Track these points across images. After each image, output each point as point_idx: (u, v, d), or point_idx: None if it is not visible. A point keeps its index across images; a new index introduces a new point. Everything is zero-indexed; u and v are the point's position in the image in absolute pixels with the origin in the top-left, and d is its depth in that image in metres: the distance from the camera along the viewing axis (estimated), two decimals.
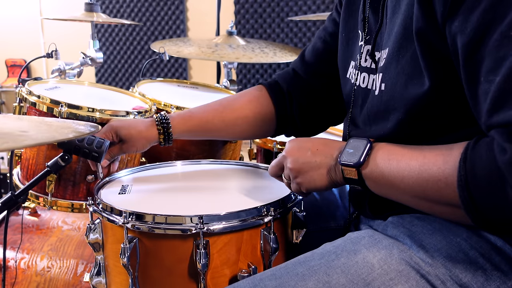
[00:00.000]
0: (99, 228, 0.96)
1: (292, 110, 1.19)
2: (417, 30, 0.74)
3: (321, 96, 1.17)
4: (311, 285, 0.77)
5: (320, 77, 1.17)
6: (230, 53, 2.00)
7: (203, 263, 0.86)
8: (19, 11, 3.91)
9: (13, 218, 1.60)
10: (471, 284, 0.75)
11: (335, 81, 1.11)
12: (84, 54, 1.80)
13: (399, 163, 0.74)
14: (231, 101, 1.20)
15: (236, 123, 1.18)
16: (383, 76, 0.84)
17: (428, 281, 0.76)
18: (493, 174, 0.62)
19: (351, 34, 1.02)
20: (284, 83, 1.20)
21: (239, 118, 1.18)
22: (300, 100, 1.18)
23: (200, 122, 1.17)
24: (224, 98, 1.23)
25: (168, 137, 1.15)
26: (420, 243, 0.79)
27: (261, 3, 3.09)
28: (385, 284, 0.76)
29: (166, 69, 3.51)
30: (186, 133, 1.18)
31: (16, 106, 1.39)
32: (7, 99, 3.54)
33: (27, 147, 1.34)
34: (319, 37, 1.18)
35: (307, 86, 1.18)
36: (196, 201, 1.02)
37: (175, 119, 1.15)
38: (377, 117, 0.87)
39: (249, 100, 1.19)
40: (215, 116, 1.17)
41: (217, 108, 1.18)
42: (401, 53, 0.79)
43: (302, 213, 0.98)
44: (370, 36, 0.92)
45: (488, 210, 0.64)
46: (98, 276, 0.99)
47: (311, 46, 1.20)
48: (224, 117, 1.17)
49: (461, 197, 0.65)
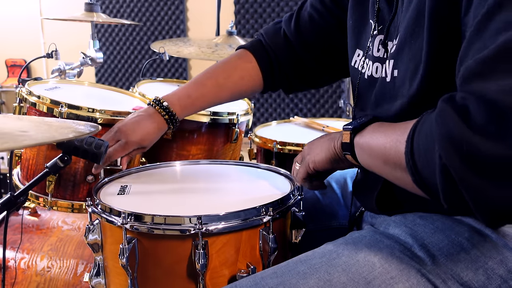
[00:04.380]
0: (98, 228, 0.96)
1: (281, 78, 1.24)
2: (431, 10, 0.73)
3: (311, 63, 1.21)
4: (312, 283, 0.77)
5: (313, 49, 1.19)
6: (230, 53, 2.00)
7: (202, 263, 0.85)
8: (19, 11, 3.91)
9: (13, 218, 1.60)
10: (472, 283, 0.75)
11: (327, 54, 1.18)
12: (84, 54, 1.80)
13: (381, 133, 0.77)
14: (225, 79, 1.23)
15: (231, 99, 1.26)
16: (395, 63, 0.84)
17: (429, 280, 0.76)
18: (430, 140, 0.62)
19: (359, 22, 1.00)
20: (273, 51, 1.22)
21: (234, 95, 1.25)
22: (289, 70, 1.23)
23: (201, 107, 1.24)
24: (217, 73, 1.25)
25: (175, 125, 1.20)
26: (421, 242, 0.79)
27: (261, 3, 3.09)
28: (386, 283, 0.76)
29: (166, 69, 3.51)
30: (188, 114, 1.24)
31: (16, 106, 1.39)
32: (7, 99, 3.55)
33: (27, 147, 1.34)
34: (315, 8, 1.17)
35: (297, 56, 1.21)
36: (195, 202, 1.02)
37: (177, 108, 1.19)
38: (384, 101, 0.87)
39: (242, 77, 1.23)
40: (214, 97, 1.23)
41: (213, 90, 1.22)
42: (413, 39, 0.79)
43: (301, 213, 0.98)
44: (383, 25, 0.91)
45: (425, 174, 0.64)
46: (97, 277, 0.99)
47: (307, 14, 1.19)
48: (221, 97, 1.23)
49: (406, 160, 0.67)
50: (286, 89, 1.29)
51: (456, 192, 0.60)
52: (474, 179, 0.57)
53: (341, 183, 1.20)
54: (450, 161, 0.59)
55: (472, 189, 0.58)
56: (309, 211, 1.08)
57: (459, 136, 0.58)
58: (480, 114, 0.57)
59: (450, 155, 0.59)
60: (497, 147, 0.55)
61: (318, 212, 1.15)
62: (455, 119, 0.59)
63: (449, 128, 0.59)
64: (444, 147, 0.59)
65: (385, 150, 0.73)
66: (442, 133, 0.60)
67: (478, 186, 0.58)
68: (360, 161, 0.83)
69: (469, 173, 0.58)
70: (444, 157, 0.59)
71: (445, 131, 0.60)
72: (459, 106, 0.60)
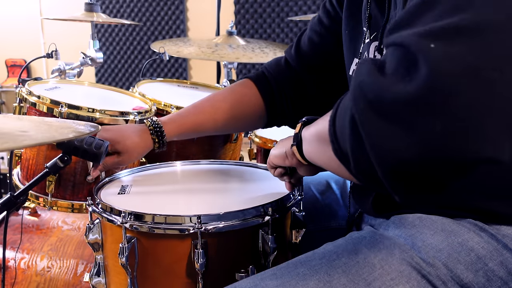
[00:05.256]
0: (99, 228, 0.96)
1: (282, 105, 1.21)
2: None
3: (312, 89, 1.19)
4: (312, 284, 0.77)
5: (314, 71, 1.18)
6: (230, 53, 2.00)
7: (201, 263, 0.85)
8: (19, 11, 3.91)
9: (13, 218, 1.60)
10: (472, 285, 0.75)
11: (328, 76, 1.15)
12: (84, 54, 1.80)
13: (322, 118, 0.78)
14: (222, 102, 1.20)
15: (228, 123, 1.20)
16: None
17: (429, 281, 0.76)
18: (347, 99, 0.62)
19: (354, 31, 1.01)
20: (274, 78, 1.21)
21: (230, 119, 1.19)
22: (290, 93, 1.20)
23: (193, 126, 1.19)
24: (214, 98, 1.23)
25: (162, 144, 1.16)
26: (421, 243, 0.79)
27: (261, 3, 3.09)
28: (386, 284, 0.76)
29: (166, 69, 3.51)
30: (179, 136, 1.19)
31: (16, 106, 1.39)
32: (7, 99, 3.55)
33: (27, 147, 1.34)
34: (314, 30, 1.17)
35: (299, 80, 1.19)
36: (195, 201, 1.02)
37: (168, 125, 1.16)
38: None
39: (240, 100, 1.20)
40: (208, 118, 1.19)
41: (208, 110, 1.19)
42: None
43: (301, 213, 0.98)
44: (377, 32, 0.91)
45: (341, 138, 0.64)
46: (97, 276, 0.99)
47: (307, 38, 1.19)
48: (216, 119, 1.19)
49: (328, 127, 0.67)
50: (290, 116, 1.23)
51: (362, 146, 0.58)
52: (377, 121, 0.56)
53: (341, 184, 1.20)
54: (356, 108, 0.58)
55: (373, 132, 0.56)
56: (309, 212, 1.08)
57: (369, 83, 0.57)
58: (393, 60, 0.57)
59: (357, 102, 0.58)
60: (404, 88, 0.54)
61: (317, 213, 1.15)
62: (369, 69, 0.58)
63: (362, 78, 0.59)
64: (353, 96, 0.59)
65: (318, 128, 0.76)
66: (354, 84, 0.59)
67: (381, 129, 0.56)
68: (304, 152, 0.84)
69: (372, 115, 0.56)
70: (352, 107, 0.58)
71: (357, 82, 0.59)
72: (378, 60, 0.60)
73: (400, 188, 0.60)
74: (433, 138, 0.54)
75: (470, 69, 0.53)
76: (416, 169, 0.57)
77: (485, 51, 0.54)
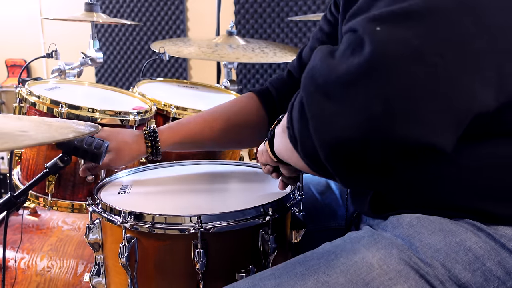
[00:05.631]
0: (99, 228, 0.96)
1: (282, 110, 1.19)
2: None
3: None
4: (310, 284, 0.77)
5: None
6: (230, 53, 2.00)
7: (201, 262, 0.86)
8: (19, 11, 3.91)
9: (13, 218, 1.60)
10: (470, 285, 0.75)
11: None
12: (84, 54, 1.80)
13: None
14: (221, 111, 1.19)
15: (227, 133, 1.17)
16: None
17: (427, 281, 0.76)
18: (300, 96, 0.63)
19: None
20: (276, 90, 1.21)
21: (230, 128, 1.16)
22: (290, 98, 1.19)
23: (189, 134, 1.16)
24: (215, 108, 1.21)
25: (156, 151, 1.13)
26: (419, 243, 0.79)
27: (261, 3, 3.08)
28: (384, 284, 0.76)
29: (166, 69, 3.51)
30: (175, 145, 1.16)
31: (16, 106, 1.39)
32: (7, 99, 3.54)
33: (27, 147, 1.34)
34: (316, 38, 1.18)
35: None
36: (195, 201, 1.03)
37: (164, 132, 1.14)
38: None
39: (240, 109, 1.19)
40: (205, 127, 1.16)
41: (207, 118, 1.17)
42: None
43: (301, 213, 0.98)
44: None
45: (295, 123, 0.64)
46: (97, 276, 0.99)
47: (308, 47, 1.20)
48: (214, 128, 1.15)
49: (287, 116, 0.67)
50: None
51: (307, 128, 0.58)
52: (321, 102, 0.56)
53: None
54: (305, 92, 0.59)
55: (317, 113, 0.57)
56: (309, 212, 1.08)
57: (320, 68, 0.58)
58: (344, 44, 0.58)
59: (307, 86, 0.59)
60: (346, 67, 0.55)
61: (317, 213, 1.15)
62: (322, 55, 0.59)
63: (314, 64, 0.59)
64: (304, 80, 0.59)
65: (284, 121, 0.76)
66: (306, 70, 0.60)
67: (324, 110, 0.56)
68: (275, 147, 0.85)
69: (318, 96, 0.57)
70: (302, 91, 0.59)
71: (310, 67, 0.60)
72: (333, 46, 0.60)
73: (341, 170, 0.60)
74: (372, 118, 0.54)
75: (414, 53, 0.54)
76: (356, 149, 0.56)
77: (430, 36, 0.54)
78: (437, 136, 0.55)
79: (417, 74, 0.53)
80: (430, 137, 0.55)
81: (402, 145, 0.55)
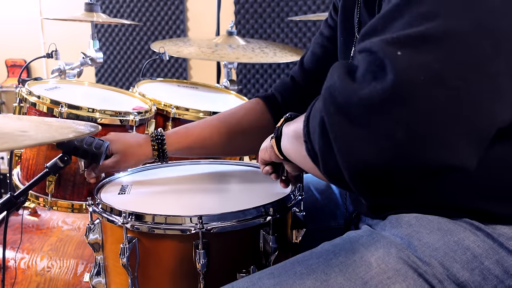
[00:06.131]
0: (99, 228, 0.96)
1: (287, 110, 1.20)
2: None
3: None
4: (309, 283, 0.77)
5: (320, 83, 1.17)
6: (230, 53, 2.01)
7: (202, 263, 0.86)
8: (19, 11, 3.91)
9: (13, 218, 1.60)
10: (468, 284, 0.75)
11: None
12: (84, 54, 1.80)
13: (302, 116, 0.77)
14: (228, 116, 1.20)
15: (234, 138, 1.17)
16: None
17: (425, 280, 0.76)
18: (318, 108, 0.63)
19: (347, 38, 1.02)
20: (281, 94, 1.22)
21: (237, 132, 1.17)
22: (296, 106, 1.20)
23: (197, 139, 1.16)
24: (221, 114, 1.22)
25: (163, 154, 1.13)
26: (418, 242, 0.79)
27: (261, 3, 3.08)
28: (383, 283, 0.76)
29: (166, 69, 3.51)
30: (182, 149, 1.16)
31: (16, 106, 1.39)
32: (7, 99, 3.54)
33: (27, 147, 1.34)
34: (316, 42, 1.19)
35: (305, 94, 1.20)
36: (196, 201, 1.03)
37: (171, 136, 1.14)
38: None
39: (246, 114, 1.20)
40: (213, 131, 1.16)
41: (214, 123, 1.17)
42: None
43: (302, 213, 0.98)
44: None
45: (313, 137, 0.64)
46: (98, 276, 0.99)
47: (309, 52, 1.21)
48: (222, 132, 1.16)
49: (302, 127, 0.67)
50: None
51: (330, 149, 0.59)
52: (344, 125, 0.57)
53: None
54: (326, 111, 0.59)
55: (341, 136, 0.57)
56: (309, 211, 1.08)
57: (339, 87, 0.58)
58: (362, 65, 0.58)
59: (327, 105, 0.59)
60: (369, 92, 0.55)
61: (317, 212, 1.15)
62: (340, 73, 0.60)
63: (333, 82, 0.60)
64: (323, 98, 0.60)
65: (296, 127, 0.78)
66: (325, 87, 0.61)
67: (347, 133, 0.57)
68: (282, 147, 0.86)
69: (340, 118, 0.57)
70: (322, 109, 0.60)
71: (328, 84, 0.60)
72: (350, 64, 0.61)
73: (366, 191, 0.60)
74: (396, 144, 0.55)
75: (435, 77, 0.54)
76: (381, 173, 0.57)
77: (450, 60, 0.55)
78: (461, 157, 0.56)
79: (439, 98, 0.54)
80: (454, 159, 0.55)
81: (427, 168, 0.56)
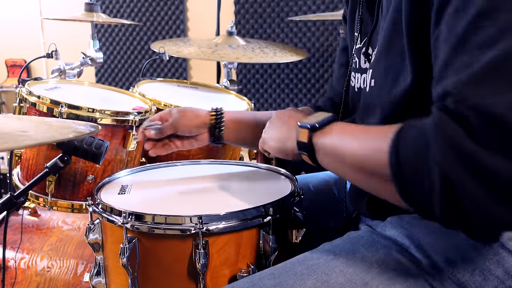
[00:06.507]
0: (99, 228, 0.96)
1: None
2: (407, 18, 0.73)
3: None
4: (309, 284, 0.77)
5: None
6: (230, 53, 2.00)
7: (202, 263, 0.86)
8: (19, 11, 3.91)
9: (13, 218, 1.60)
10: (469, 284, 0.75)
11: None
12: (84, 54, 1.80)
13: (352, 136, 0.75)
14: None
15: None
16: (373, 72, 0.85)
17: (426, 280, 0.76)
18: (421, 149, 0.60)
19: (351, 38, 1.02)
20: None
21: None
22: None
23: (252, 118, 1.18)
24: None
25: (219, 125, 1.15)
26: (418, 243, 0.79)
27: (261, 3, 3.08)
28: (383, 284, 0.76)
29: (166, 69, 3.51)
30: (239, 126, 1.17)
31: (16, 106, 1.39)
32: (7, 99, 3.54)
33: (27, 147, 1.34)
34: (340, 63, 1.18)
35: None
36: (196, 201, 1.03)
37: (228, 113, 1.17)
38: (367, 114, 0.88)
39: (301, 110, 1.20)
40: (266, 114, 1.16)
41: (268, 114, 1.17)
42: (390, 49, 0.79)
43: (302, 213, 0.98)
44: (366, 37, 0.92)
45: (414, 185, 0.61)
46: (98, 276, 0.99)
47: (335, 76, 1.19)
48: None
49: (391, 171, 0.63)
50: None
51: (456, 205, 0.57)
52: (481, 194, 0.55)
53: (340, 184, 1.20)
54: (453, 172, 0.56)
55: (477, 204, 0.56)
56: (309, 212, 1.08)
57: (463, 146, 0.56)
58: (483, 128, 0.55)
59: (452, 164, 0.56)
60: (504, 163, 0.54)
61: (317, 213, 1.15)
62: (456, 129, 0.56)
63: (451, 137, 0.56)
64: (445, 155, 0.57)
65: (360, 157, 0.70)
66: (442, 142, 0.57)
67: (484, 202, 0.56)
68: (320, 162, 0.80)
69: (474, 185, 0.55)
70: (445, 167, 0.57)
71: (446, 140, 0.57)
72: (459, 118, 0.57)
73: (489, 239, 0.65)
74: None
75: None
76: None
77: None
78: None
79: None
80: None
81: None
